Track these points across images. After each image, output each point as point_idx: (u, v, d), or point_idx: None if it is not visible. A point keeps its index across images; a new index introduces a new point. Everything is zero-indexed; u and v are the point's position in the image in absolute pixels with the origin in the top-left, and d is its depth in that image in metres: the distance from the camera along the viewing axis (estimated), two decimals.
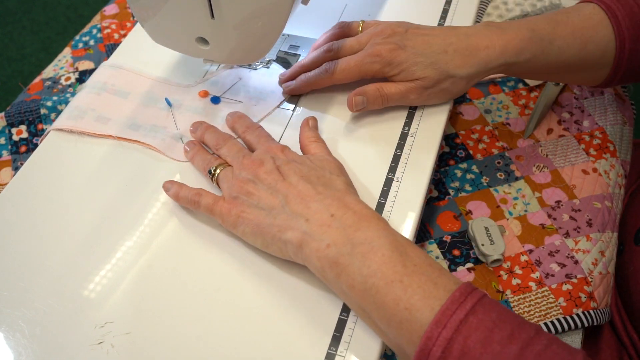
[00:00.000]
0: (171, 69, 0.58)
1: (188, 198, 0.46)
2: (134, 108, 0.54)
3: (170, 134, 0.53)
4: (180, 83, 0.57)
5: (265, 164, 0.45)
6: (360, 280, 0.37)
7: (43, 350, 0.41)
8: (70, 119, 0.53)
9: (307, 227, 0.40)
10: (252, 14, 0.46)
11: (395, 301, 0.36)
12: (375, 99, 0.51)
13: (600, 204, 0.57)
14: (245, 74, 0.57)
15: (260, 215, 0.42)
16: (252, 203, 0.43)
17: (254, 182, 0.44)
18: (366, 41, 0.52)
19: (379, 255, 0.37)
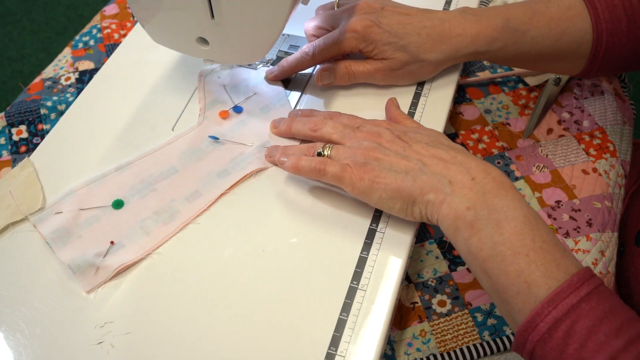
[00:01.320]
0: (171, 69, 0.58)
1: (312, 167, 0.44)
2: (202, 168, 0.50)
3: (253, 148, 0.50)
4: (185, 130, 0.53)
5: (383, 134, 0.45)
6: (489, 246, 0.38)
7: (43, 350, 0.41)
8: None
9: (449, 189, 0.41)
10: (252, 14, 0.46)
11: (517, 272, 0.37)
12: (342, 75, 0.53)
13: (600, 204, 0.57)
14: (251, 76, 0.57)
15: (398, 179, 0.42)
16: (384, 167, 0.43)
17: (380, 149, 0.44)
18: (340, 17, 0.53)
19: (512, 226, 0.38)
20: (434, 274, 0.53)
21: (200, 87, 0.56)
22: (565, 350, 0.34)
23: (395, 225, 0.46)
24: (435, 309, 0.51)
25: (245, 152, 0.51)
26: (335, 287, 0.43)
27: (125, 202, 0.47)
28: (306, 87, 0.56)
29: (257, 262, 0.45)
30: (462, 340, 0.49)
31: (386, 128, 0.46)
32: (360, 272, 0.44)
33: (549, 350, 0.35)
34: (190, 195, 0.48)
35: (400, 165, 0.43)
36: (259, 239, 0.46)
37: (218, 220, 0.47)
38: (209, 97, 0.55)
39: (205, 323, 0.42)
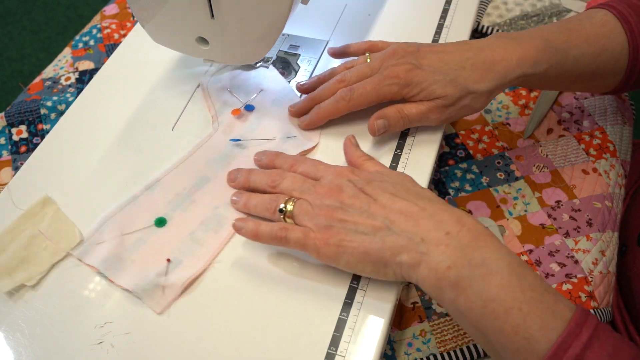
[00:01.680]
0: (171, 69, 0.58)
1: (272, 234, 0.42)
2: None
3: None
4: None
5: (345, 189, 0.42)
6: (479, 304, 0.37)
7: (43, 350, 0.41)
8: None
9: (423, 247, 0.38)
10: (252, 14, 0.46)
11: (514, 329, 0.36)
12: (397, 121, 0.49)
13: (601, 203, 0.57)
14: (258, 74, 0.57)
15: (365, 241, 0.40)
16: (349, 229, 0.40)
17: (342, 209, 0.41)
18: (378, 66, 0.50)
19: (498, 279, 0.37)
20: None
21: (205, 96, 0.55)
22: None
23: None
24: (435, 309, 0.51)
25: (271, 146, 0.51)
26: (335, 287, 0.43)
27: (167, 218, 0.46)
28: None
29: (258, 261, 0.45)
30: (462, 340, 0.49)
31: (347, 180, 0.43)
32: None
33: None
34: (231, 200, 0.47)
35: (366, 225, 0.40)
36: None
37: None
38: (217, 103, 0.54)
39: (206, 323, 0.42)
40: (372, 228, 0.40)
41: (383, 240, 0.40)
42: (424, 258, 0.38)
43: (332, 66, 0.57)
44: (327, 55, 0.59)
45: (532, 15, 0.73)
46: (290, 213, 0.43)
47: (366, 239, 0.40)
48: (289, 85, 0.56)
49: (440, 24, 0.60)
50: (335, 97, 0.50)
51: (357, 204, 0.41)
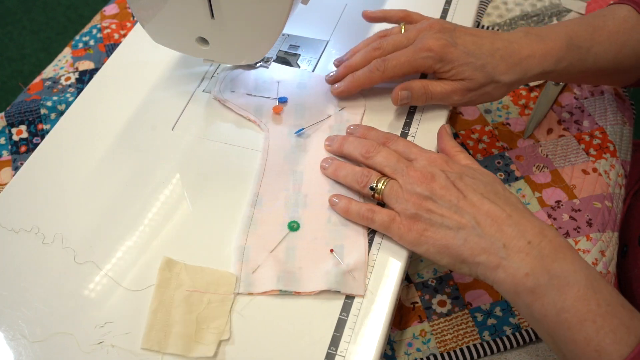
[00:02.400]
0: (171, 69, 0.58)
1: (360, 213, 0.44)
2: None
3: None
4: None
5: (438, 179, 0.43)
6: (553, 313, 0.38)
7: (43, 350, 0.41)
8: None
9: (504, 253, 0.39)
10: (252, 14, 0.46)
11: (586, 341, 0.36)
12: (420, 95, 0.50)
13: (600, 203, 0.57)
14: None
15: (448, 236, 0.41)
16: (435, 221, 0.42)
17: (432, 200, 0.42)
18: (414, 36, 0.51)
19: (575, 291, 0.37)
20: (434, 274, 0.53)
21: (233, 107, 0.54)
22: None
23: None
24: (435, 309, 0.51)
25: (331, 123, 0.52)
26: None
27: (296, 219, 0.46)
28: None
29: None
30: (462, 340, 0.49)
31: (441, 170, 0.43)
32: None
33: None
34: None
35: (453, 220, 0.41)
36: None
37: (217, 222, 0.47)
38: (250, 108, 0.54)
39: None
40: (457, 224, 0.41)
41: (465, 239, 0.40)
42: (503, 262, 0.39)
43: (332, 66, 0.57)
44: (327, 55, 0.59)
45: (532, 15, 0.73)
46: (381, 193, 0.44)
47: (450, 233, 0.41)
48: (299, 69, 0.56)
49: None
50: (369, 67, 0.51)
51: (447, 197, 0.42)
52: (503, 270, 0.39)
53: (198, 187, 0.49)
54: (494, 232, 0.40)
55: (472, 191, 0.42)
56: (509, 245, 0.39)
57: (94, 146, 0.52)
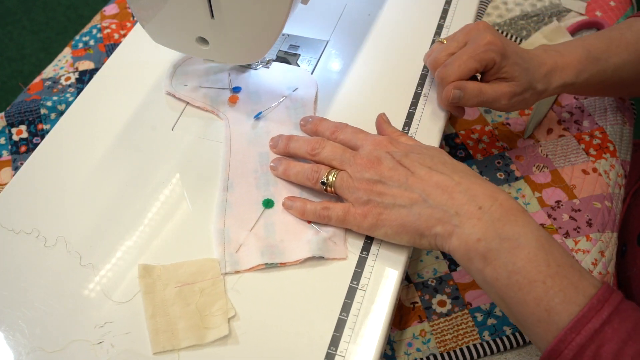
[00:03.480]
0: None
1: (316, 213, 0.45)
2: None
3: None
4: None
5: (384, 161, 0.44)
6: (505, 275, 0.38)
7: (43, 350, 0.41)
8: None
9: (457, 220, 0.40)
10: (252, 14, 0.46)
11: (536, 301, 0.37)
12: (473, 96, 0.50)
13: (600, 204, 0.57)
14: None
15: (402, 214, 0.42)
16: (388, 203, 0.42)
17: (382, 182, 0.43)
18: (464, 40, 0.51)
19: (525, 253, 0.38)
20: (434, 274, 0.53)
21: (188, 99, 0.54)
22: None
23: None
24: (435, 309, 0.51)
25: (288, 103, 0.54)
26: (335, 287, 0.43)
27: (270, 197, 0.47)
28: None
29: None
30: (462, 340, 0.49)
31: (386, 152, 0.44)
32: (360, 272, 0.44)
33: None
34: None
35: (404, 198, 0.42)
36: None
37: (213, 219, 0.47)
38: (205, 99, 0.55)
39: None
40: (409, 201, 0.42)
41: (419, 213, 0.41)
42: (456, 230, 0.40)
43: (332, 66, 0.57)
44: (327, 55, 0.59)
45: (532, 15, 0.73)
46: (332, 185, 0.45)
47: (403, 211, 0.42)
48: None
49: (440, 24, 0.61)
50: (437, 82, 0.51)
51: (395, 177, 0.43)
52: (457, 238, 0.40)
53: (198, 187, 0.49)
54: (445, 200, 0.41)
55: (419, 166, 0.43)
56: (460, 212, 0.40)
57: (94, 146, 0.52)
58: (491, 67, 0.49)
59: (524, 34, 0.71)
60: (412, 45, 0.58)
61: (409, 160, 0.43)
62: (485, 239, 0.39)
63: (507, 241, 0.38)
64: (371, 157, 0.44)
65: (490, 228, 0.39)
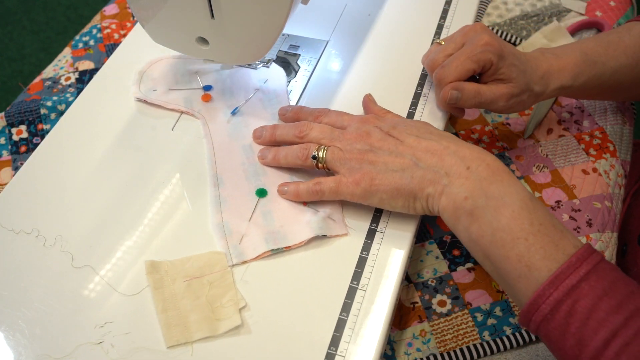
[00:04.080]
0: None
1: (309, 190, 0.46)
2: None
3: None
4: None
5: (373, 133, 0.45)
6: (489, 233, 0.39)
7: (43, 350, 0.41)
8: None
9: (447, 180, 0.42)
10: (252, 14, 0.46)
11: (518, 257, 0.38)
12: (471, 97, 0.50)
13: (600, 204, 0.57)
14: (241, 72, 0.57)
15: (395, 177, 0.43)
16: (380, 169, 0.43)
17: (372, 151, 0.44)
18: (461, 41, 0.51)
19: (509, 211, 0.39)
20: (434, 274, 0.53)
21: (160, 103, 0.54)
22: (568, 330, 0.36)
23: (395, 225, 0.46)
24: (435, 309, 0.51)
25: (260, 96, 0.55)
26: (335, 287, 0.43)
27: (262, 187, 0.48)
28: (304, 92, 0.56)
29: (257, 262, 0.45)
30: (462, 340, 0.49)
31: (374, 126, 0.46)
32: (360, 272, 0.44)
33: (552, 330, 0.37)
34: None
35: (395, 163, 0.43)
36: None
37: (209, 215, 0.47)
38: (178, 101, 0.55)
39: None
40: (401, 165, 0.43)
41: (412, 175, 0.43)
42: (446, 189, 0.41)
43: (332, 66, 0.57)
44: (327, 55, 0.59)
45: (532, 15, 0.73)
46: (323, 159, 0.46)
47: (396, 175, 0.43)
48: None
49: (440, 24, 0.61)
50: (435, 83, 0.51)
51: (385, 146, 0.44)
52: (446, 197, 0.41)
53: (198, 187, 0.49)
54: (435, 162, 0.42)
55: (407, 135, 0.44)
56: (450, 172, 0.42)
57: (94, 146, 0.52)
58: (489, 68, 0.50)
59: (524, 34, 0.71)
60: (412, 45, 0.58)
61: (397, 131, 0.45)
62: (472, 197, 0.40)
63: (493, 199, 0.40)
64: (360, 131, 0.45)
65: (477, 187, 0.40)
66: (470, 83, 0.50)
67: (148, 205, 0.48)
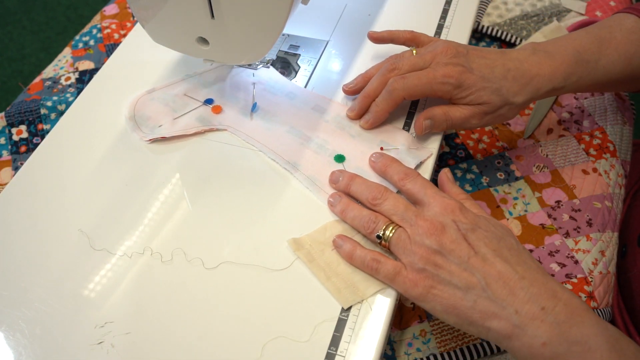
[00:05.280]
0: (171, 69, 0.58)
1: (365, 262, 0.42)
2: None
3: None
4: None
5: (448, 231, 0.41)
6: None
7: (43, 350, 0.41)
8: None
9: (517, 320, 0.37)
10: (252, 14, 0.46)
11: None
12: (441, 122, 0.50)
13: (600, 203, 0.57)
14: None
15: (456, 296, 0.39)
16: (443, 278, 0.40)
17: (441, 254, 0.40)
18: (430, 59, 0.50)
19: (597, 356, 0.36)
20: None
21: (178, 134, 0.52)
22: None
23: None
24: None
25: (263, 87, 0.56)
26: None
27: (340, 153, 0.50)
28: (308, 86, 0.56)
29: (257, 261, 0.45)
30: (462, 340, 0.49)
31: (452, 220, 0.41)
32: None
33: None
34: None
35: (462, 279, 0.39)
36: (258, 237, 0.46)
37: (217, 221, 0.47)
38: (193, 124, 0.53)
39: (205, 323, 0.42)
40: (466, 283, 0.39)
41: (475, 301, 0.39)
42: (516, 331, 0.38)
43: (332, 66, 0.57)
44: (327, 55, 0.59)
45: (532, 15, 0.73)
46: (388, 241, 0.43)
47: (458, 293, 0.39)
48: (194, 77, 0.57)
49: (440, 24, 0.61)
50: (388, 88, 0.50)
51: (456, 252, 0.40)
52: (517, 339, 0.38)
53: (198, 187, 0.49)
54: (505, 295, 0.38)
55: (484, 246, 0.40)
56: (521, 311, 0.38)
57: (94, 146, 0.52)
58: (448, 97, 0.50)
59: (524, 34, 0.71)
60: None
61: (475, 236, 0.41)
62: (551, 343, 0.37)
63: (576, 345, 0.36)
64: (435, 221, 0.41)
65: (555, 331, 0.37)
66: (439, 108, 0.50)
67: (148, 205, 0.48)
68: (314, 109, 0.54)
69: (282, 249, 0.45)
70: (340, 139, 0.51)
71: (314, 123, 0.53)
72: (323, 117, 0.53)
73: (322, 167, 0.49)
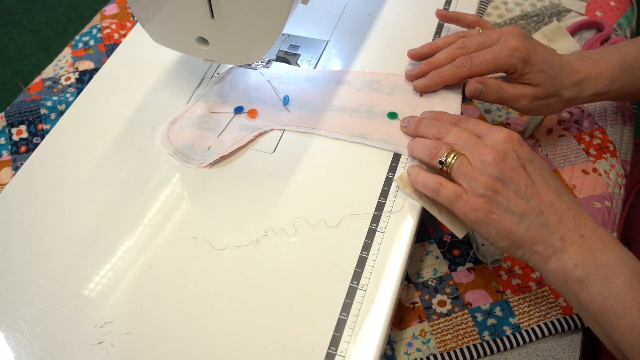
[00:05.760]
0: (171, 69, 0.58)
1: (427, 185, 0.45)
2: None
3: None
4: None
5: (509, 159, 0.43)
6: (600, 301, 0.39)
7: (43, 350, 0.41)
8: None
9: (560, 245, 0.41)
10: (252, 14, 0.46)
11: (630, 327, 0.38)
12: (492, 92, 0.51)
13: (600, 204, 0.57)
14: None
15: (513, 221, 0.42)
16: (501, 204, 0.42)
17: (501, 181, 0.42)
18: (497, 38, 0.52)
19: (621, 280, 0.39)
20: (434, 274, 0.53)
21: (235, 147, 0.51)
22: None
23: (395, 225, 0.46)
24: (435, 309, 0.51)
25: (277, 79, 0.57)
26: (335, 287, 0.43)
27: (392, 111, 0.52)
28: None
29: (257, 261, 0.45)
30: (462, 340, 0.49)
31: (512, 149, 0.43)
32: (360, 272, 0.44)
33: None
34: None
35: (518, 206, 0.42)
36: (258, 238, 0.46)
37: (217, 221, 0.47)
38: (240, 134, 0.52)
39: (205, 323, 0.42)
40: (522, 210, 0.42)
41: (529, 226, 0.42)
42: (557, 253, 0.41)
43: (332, 66, 0.57)
44: (327, 55, 0.59)
45: (532, 15, 0.73)
46: (450, 167, 0.45)
47: (514, 219, 0.42)
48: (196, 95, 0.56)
49: (440, 24, 0.61)
50: (455, 64, 0.52)
51: (515, 180, 0.42)
52: (555, 260, 0.41)
53: (198, 187, 0.49)
54: (554, 223, 0.42)
55: (539, 177, 0.43)
56: (565, 237, 0.41)
57: (94, 146, 0.52)
58: (513, 71, 0.51)
59: None
60: (412, 45, 0.58)
61: (532, 166, 0.43)
62: (582, 265, 0.40)
63: (604, 268, 0.40)
64: (497, 148, 0.43)
65: (588, 255, 0.40)
66: (495, 80, 0.51)
67: (148, 205, 0.48)
68: (339, 84, 0.55)
69: (282, 248, 0.45)
70: (381, 100, 0.53)
71: (348, 95, 0.54)
72: (352, 87, 0.55)
73: (383, 127, 0.51)
